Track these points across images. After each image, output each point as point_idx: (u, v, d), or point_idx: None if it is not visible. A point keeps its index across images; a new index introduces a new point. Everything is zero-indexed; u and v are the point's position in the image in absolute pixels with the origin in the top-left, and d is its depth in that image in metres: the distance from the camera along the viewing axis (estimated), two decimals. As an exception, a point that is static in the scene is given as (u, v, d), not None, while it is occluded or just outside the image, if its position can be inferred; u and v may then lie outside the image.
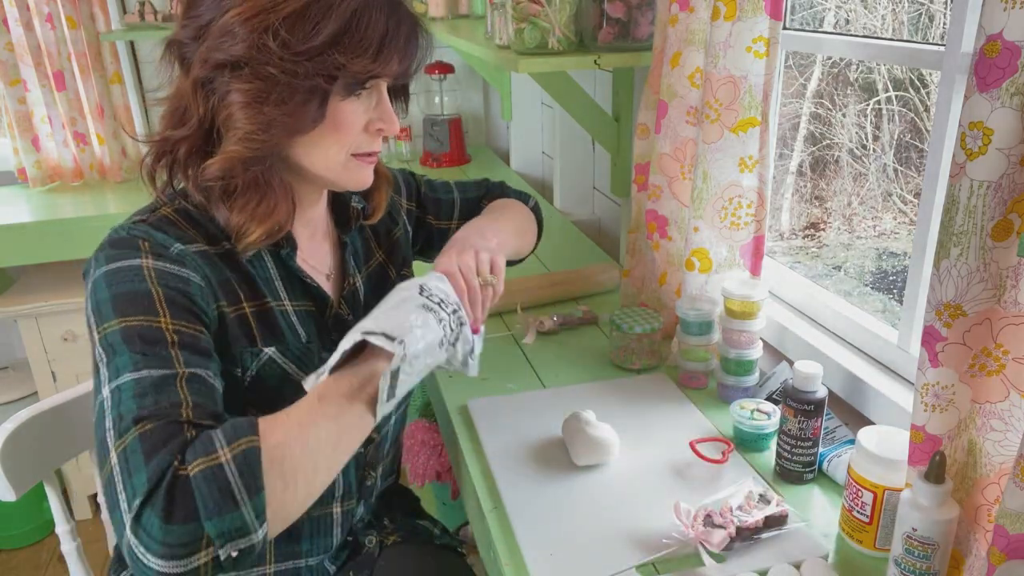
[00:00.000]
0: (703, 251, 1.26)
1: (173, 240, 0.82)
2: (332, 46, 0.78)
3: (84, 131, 2.48)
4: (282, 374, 0.88)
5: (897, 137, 2.59)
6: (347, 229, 1.01)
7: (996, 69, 0.68)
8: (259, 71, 0.77)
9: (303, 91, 0.79)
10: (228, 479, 0.66)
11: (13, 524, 2.32)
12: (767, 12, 1.12)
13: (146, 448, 0.67)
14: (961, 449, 0.81)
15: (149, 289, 0.77)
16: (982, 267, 0.73)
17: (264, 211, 0.84)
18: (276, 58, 0.77)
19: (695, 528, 0.88)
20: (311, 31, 0.77)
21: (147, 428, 0.68)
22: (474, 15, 2.21)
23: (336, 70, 0.79)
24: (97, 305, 0.77)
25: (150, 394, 0.71)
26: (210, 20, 0.79)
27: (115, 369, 0.73)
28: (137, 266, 0.79)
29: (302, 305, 0.92)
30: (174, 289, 0.79)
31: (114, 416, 0.71)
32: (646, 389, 1.24)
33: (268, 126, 0.79)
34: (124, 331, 0.75)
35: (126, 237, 0.81)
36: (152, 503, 0.65)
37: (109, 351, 0.75)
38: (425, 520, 1.18)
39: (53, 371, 2.28)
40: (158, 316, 0.76)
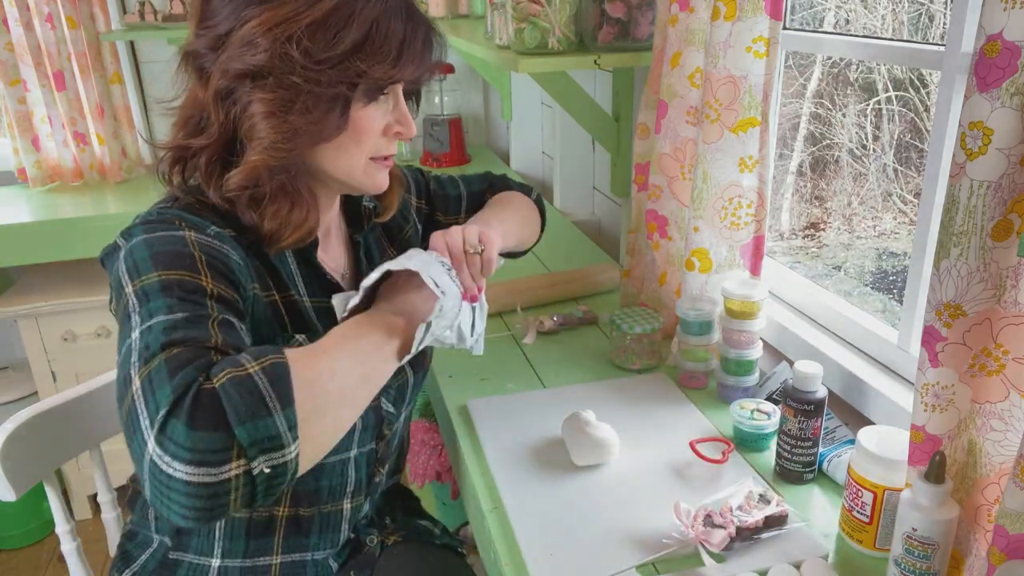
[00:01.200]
0: (703, 251, 1.26)
1: (207, 222, 0.82)
2: (354, 54, 0.79)
3: (84, 131, 2.48)
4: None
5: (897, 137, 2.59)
6: (359, 229, 1.02)
7: (996, 69, 0.68)
8: (282, 80, 0.78)
9: (326, 99, 0.80)
10: (258, 385, 0.65)
11: (13, 524, 2.32)
12: (767, 12, 1.12)
13: (171, 367, 0.65)
14: (961, 449, 0.81)
15: (192, 252, 0.77)
16: (982, 267, 0.73)
17: (298, 218, 0.85)
18: (299, 67, 0.77)
19: (695, 528, 0.88)
20: (332, 39, 0.78)
21: (174, 352, 0.66)
22: (474, 15, 2.21)
23: (358, 77, 0.80)
24: (134, 263, 0.75)
25: (181, 327, 0.69)
26: (228, 30, 0.79)
27: (148, 312, 0.71)
28: (180, 235, 0.78)
29: (320, 302, 0.93)
30: (216, 259, 0.78)
31: (140, 348, 0.68)
32: (646, 389, 1.24)
33: (293, 135, 0.80)
34: (162, 281, 0.73)
35: (159, 218, 0.81)
36: (177, 412, 0.62)
37: (143, 298, 0.72)
38: (425, 520, 1.18)
39: (53, 371, 2.27)
40: (199, 275, 0.75)
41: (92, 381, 1.15)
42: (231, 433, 0.62)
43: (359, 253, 1.01)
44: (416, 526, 1.14)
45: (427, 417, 1.83)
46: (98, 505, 1.34)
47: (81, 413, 1.13)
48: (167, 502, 0.63)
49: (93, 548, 2.21)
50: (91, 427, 1.15)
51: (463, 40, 1.76)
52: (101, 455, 1.18)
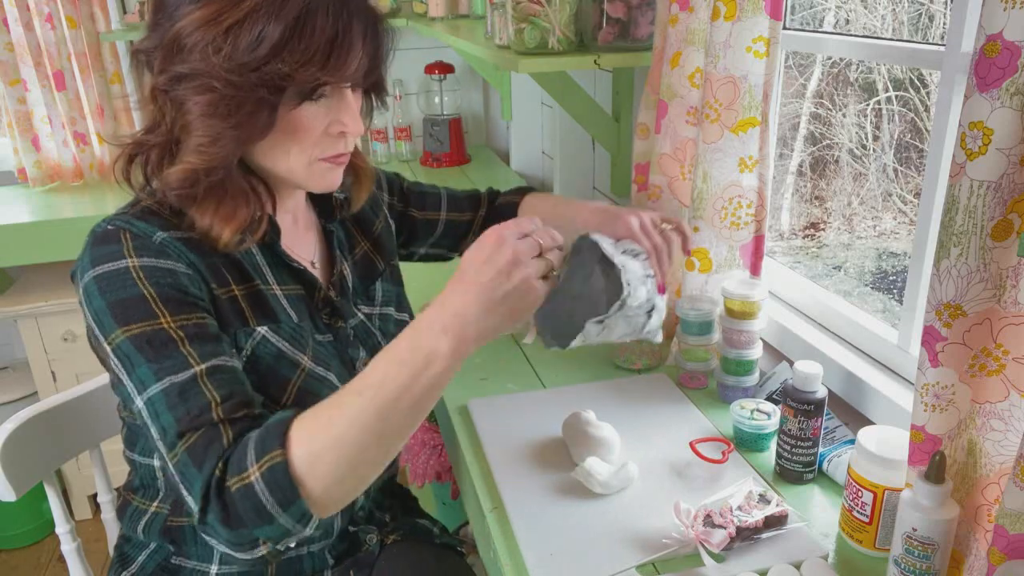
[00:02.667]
0: (703, 251, 1.26)
1: (155, 229, 0.82)
2: (275, 56, 0.76)
3: (84, 131, 2.48)
4: (276, 352, 0.88)
5: (897, 137, 2.59)
6: (331, 218, 1.02)
7: (996, 69, 0.68)
8: (205, 84, 0.77)
9: (250, 103, 0.78)
10: (259, 497, 0.72)
11: (13, 524, 2.32)
12: (767, 12, 1.12)
13: (194, 460, 0.74)
14: (961, 449, 0.81)
15: (141, 292, 0.78)
16: (982, 267, 0.73)
17: (225, 214, 0.83)
18: (220, 71, 0.76)
19: (695, 528, 0.88)
20: (254, 41, 0.75)
21: (190, 442, 0.75)
22: (474, 15, 2.21)
23: (281, 80, 0.77)
24: (96, 314, 0.79)
25: (179, 404, 0.75)
26: (167, 29, 0.79)
27: (139, 381, 0.77)
28: (124, 268, 0.79)
29: (291, 289, 0.93)
30: (165, 285, 0.79)
31: (157, 429, 0.76)
32: (646, 389, 1.24)
33: (217, 138, 0.79)
34: (132, 340, 0.77)
35: (108, 231, 0.82)
36: (210, 511, 0.73)
37: (126, 362, 0.78)
38: (424, 520, 1.18)
39: (53, 371, 2.28)
40: (157, 318, 0.78)
41: (92, 381, 1.15)
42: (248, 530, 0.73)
43: (332, 242, 1.01)
44: (415, 525, 1.14)
45: (427, 417, 1.83)
46: (98, 505, 1.34)
47: (81, 413, 1.13)
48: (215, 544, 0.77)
49: (93, 548, 2.21)
50: (91, 427, 1.15)
51: (463, 40, 1.76)
52: (101, 455, 1.18)
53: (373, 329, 1.03)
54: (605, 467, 0.99)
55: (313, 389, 0.90)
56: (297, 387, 0.88)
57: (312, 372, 0.90)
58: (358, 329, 1.01)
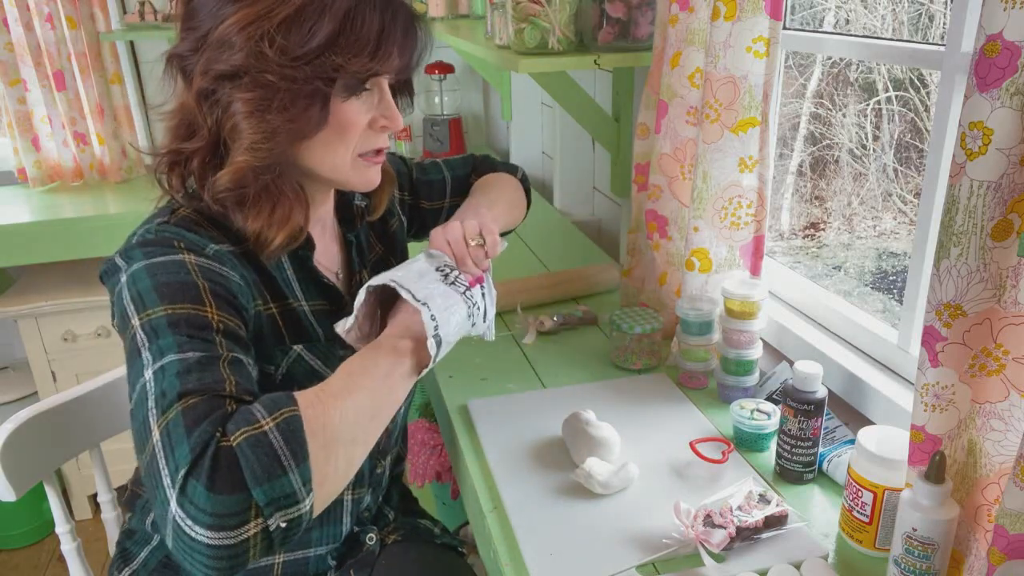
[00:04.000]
0: (703, 251, 1.26)
1: (206, 240, 0.82)
2: (328, 48, 0.77)
3: (84, 131, 2.48)
4: (310, 370, 0.89)
5: (897, 137, 2.59)
6: (352, 227, 1.01)
7: (996, 69, 0.68)
8: (259, 79, 0.77)
9: (304, 96, 0.79)
10: (273, 445, 0.66)
11: (13, 524, 2.32)
12: (767, 12, 1.12)
13: (188, 421, 0.66)
14: (961, 449, 0.81)
15: (195, 281, 0.77)
16: (982, 267, 0.73)
17: (281, 217, 0.84)
18: (274, 65, 0.77)
19: (695, 528, 0.88)
20: (307, 34, 0.77)
21: (190, 403, 0.68)
22: (474, 15, 2.21)
23: (335, 71, 0.79)
24: (139, 294, 0.76)
25: (194, 371, 0.70)
26: (208, 31, 0.79)
27: (158, 350, 0.72)
28: (180, 260, 0.78)
29: (317, 304, 0.93)
30: (218, 284, 0.79)
31: (156, 394, 0.69)
32: (646, 389, 1.24)
33: (273, 134, 0.79)
34: (170, 317, 0.74)
35: (157, 238, 0.80)
36: (196, 473, 0.64)
37: (151, 335, 0.73)
38: (425, 519, 1.18)
39: (53, 371, 2.28)
40: (204, 306, 0.76)
41: (92, 381, 1.15)
42: (248, 494, 0.64)
43: (351, 252, 1.01)
44: (416, 525, 1.14)
45: (427, 417, 1.83)
46: (98, 505, 1.34)
47: (81, 413, 1.13)
48: (191, 560, 0.65)
49: (93, 548, 2.21)
50: (91, 427, 1.15)
51: (463, 40, 1.76)
52: (101, 455, 1.18)
53: None
54: (605, 467, 0.99)
55: None
56: None
57: None
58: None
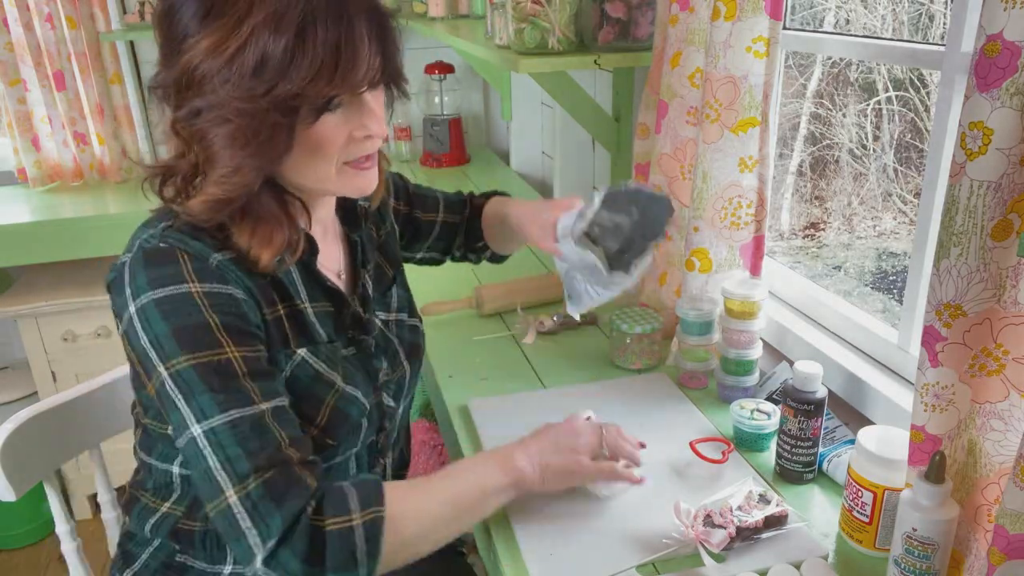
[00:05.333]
0: (703, 251, 1.26)
1: (209, 249, 0.81)
2: (281, 77, 0.74)
3: (84, 131, 2.48)
4: (314, 374, 0.88)
5: (897, 137, 2.59)
6: (356, 227, 1.01)
7: (996, 69, 0.68)
8: (222, 115, 0.76)
9: (265, 129, 0.76)
10: (356, 543, 0.77)
11: (13, 524, 2.32)
12: (767, 12, 1.12)
13: (274, 495, 0.76)
14: (961, 449, 0.81)
15: (207, 321, 0.78)
16: (982, 267, 0.73)
17: (262, 239, 0.83)
18: (232, 100, 0.74)
19: (695, 528, 0.88)
20: (258, 65, 0.74)
21: (266, 477, 0.76)
22: (474, 15, 2.21)
23: (292, 100, 0.75)
24: (157, 339, 0.78)
25: (252, 438, 0.77)
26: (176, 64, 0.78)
27: (199, 409, 0.77)
28: (187, 294, 0.78)
29: (321, 306, 0.92)
30: (229, 314, 0.79)
31: (220, 459, 0.76)
32: (646, 389, 1.24)
33: (237, 169, 0.78)
34: (197, 368, 0.77)
35: (162, 249, 0.80)
36: (290, 544, 0.75)
37: (185, 389, 0.77)
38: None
39: (53, 371, 2.28)
40: (223, 347, 0.78)
41: (92, 381, 1.15)
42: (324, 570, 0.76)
43: (356, 251, 1.01)
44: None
45: (427, 417, 1.83)
46: (98, 505, 1.34)
47: (81, 413, 1.13)
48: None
49: (93, 548, 2.21)
50: (91, 427, 1.15)
51: (463, 40, 1.76)
52: (101, 455, 1.18)
53: (391, 336, 1.03)
54: None
55: (344, 408, 0.90)
56: (330, 407, 0.89)
57: (344, 392, 0.90)
58: (378, 338, 1.00)
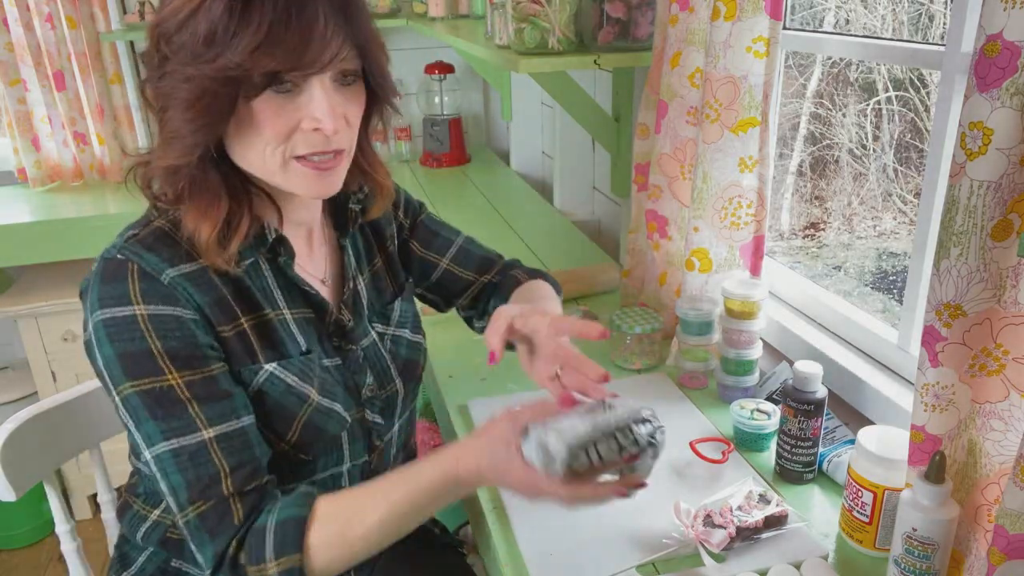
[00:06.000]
0: (703, 251, 1.26)
1: (164, 264, 0.80)
2: (225, 45, 0.73)
3: (84, 131, 2.48)
4: (284, 387, 0.86)
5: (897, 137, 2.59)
6: (345, 232, 0.97)
7: (996, 69, 0.68)
8: (166, 82, 0.77)
9: (207, 95, 0.75)
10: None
11: (13, 524, 2.32)
12: (767, 12, 1.12)
13: (206, 528, 0.80)
14: (961, 449, 0.81)
15: (149, 347, 0.78)
16: (982, 267, 0.73)
17: (198, 213, 0.81)
18: (176, 65, 0.76)
19: (695, 528, 0.88)
20: (207, 32, 0.73)
21: (201, 510, 0.79)
22: (474, 15, 2.21)
23: (234, 70, 0.74)
24: (105, 361, 0.79)
25: (189, 468, 0.79)
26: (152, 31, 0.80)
27: (146, 435, 0.79)
28: (132, 317, 0.78)
29: (301, 312, 0.90)
30: (173, 338, 0.79)
31: (167, 486, 0.80)
32: (646, 389, 1.24)
33: (177, 133, 0.78)
34: (140, 395, 0.78)
35: (118, 261, 0.80)
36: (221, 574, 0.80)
37: (133, 415, 0.79)
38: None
39: (53, 371, 2.28)
40: (165, 374, 0.79)
41: (92, 381, 1.15)
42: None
43: (345, 257, 0.97)
44: (416, 525, 1.14)
45: (427, 417, 1.83)
46: (98, 505, 1.34)
47: (81, 413, 1.13)
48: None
49: (93, 548, 2.21)
50: (91, 427, 1.15)
51: (463, 40, 1.76)
52: (101, 455, 1.18)
53: (383, 351, 0.99)
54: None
55: (318, 423, 0.88)
56: (303, 421, 0.87)
57: (319, 405, 0.88)
58: (368, 351, 0.97)
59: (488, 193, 2.39)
